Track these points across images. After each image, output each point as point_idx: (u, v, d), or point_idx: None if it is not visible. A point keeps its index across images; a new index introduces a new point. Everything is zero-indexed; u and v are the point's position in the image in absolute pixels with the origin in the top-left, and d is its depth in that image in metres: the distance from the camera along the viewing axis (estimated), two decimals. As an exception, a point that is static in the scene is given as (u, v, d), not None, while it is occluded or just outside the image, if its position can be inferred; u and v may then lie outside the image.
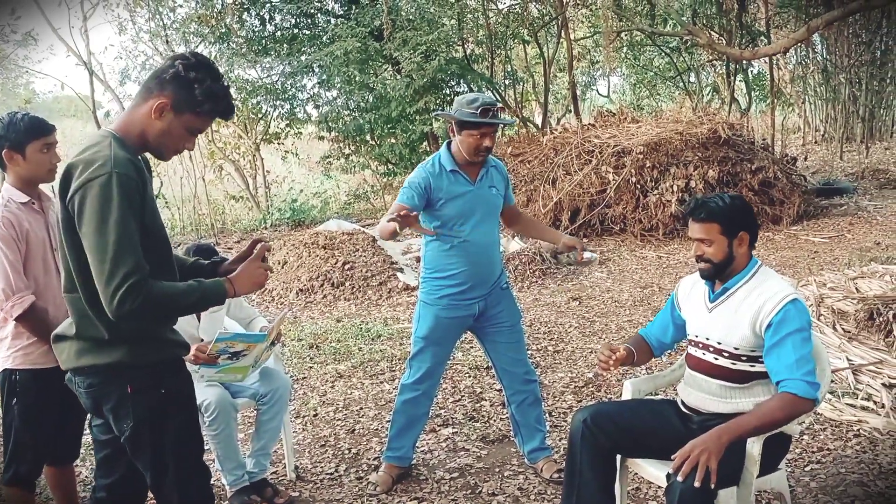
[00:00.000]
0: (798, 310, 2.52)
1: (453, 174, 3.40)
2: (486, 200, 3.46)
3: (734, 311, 2.64)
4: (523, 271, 7.85)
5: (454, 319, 3.52)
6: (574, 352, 5.50)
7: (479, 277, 3.48)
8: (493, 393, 4.75)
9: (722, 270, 2.66)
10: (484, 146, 3.35)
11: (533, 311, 6.61)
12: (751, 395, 2.64)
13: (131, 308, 1.99)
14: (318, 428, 4.40)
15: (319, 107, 13.36)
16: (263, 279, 2.29)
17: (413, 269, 8.19)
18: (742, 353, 2.63)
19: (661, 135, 9.79)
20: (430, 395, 3.67)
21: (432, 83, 12.15)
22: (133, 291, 1.98)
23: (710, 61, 17.28)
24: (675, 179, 9.24)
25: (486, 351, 3.70)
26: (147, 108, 2.14)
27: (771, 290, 2.58)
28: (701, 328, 2.75)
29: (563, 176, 9.65)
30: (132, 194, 2.02)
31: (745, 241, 2.66)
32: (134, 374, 2.14)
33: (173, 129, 2.15)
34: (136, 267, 1.99)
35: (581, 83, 21.69)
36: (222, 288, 2.19)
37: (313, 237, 8.61)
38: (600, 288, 7.29)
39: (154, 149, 2.18)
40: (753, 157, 9.96)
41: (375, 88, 12.79)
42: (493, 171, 3.52)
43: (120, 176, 1.99)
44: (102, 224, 1.98)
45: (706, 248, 2.64)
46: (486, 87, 14.00)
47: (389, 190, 13.99)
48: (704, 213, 2.61)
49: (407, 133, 12.74)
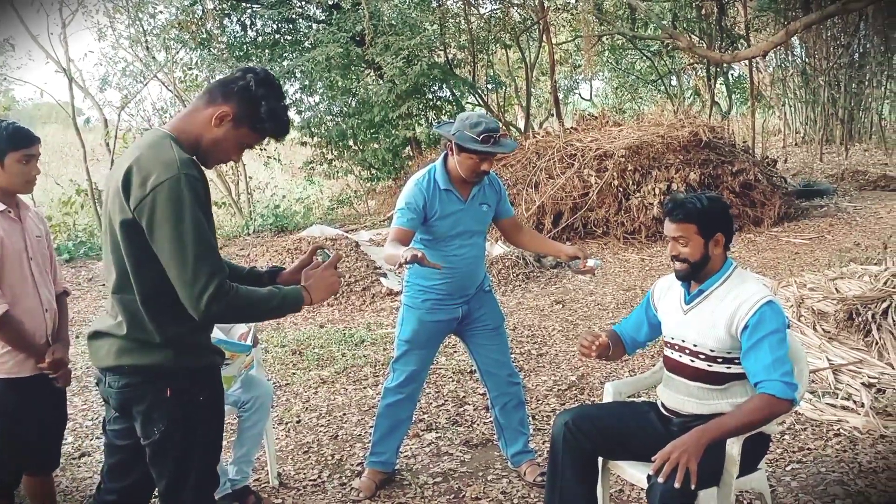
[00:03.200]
0: (774, 311, 2.54)
1: (446, 193, 3.39)
2: (475, 218, 3.47)
3: (710, 312, 2.66)
4: (507, 275, 7.86)
5: (438, 323, 3.53)
6: (557, 355, 5.52)
7: (462, 284, 3.50)
8: (477, 397, 4.75)
9: (698, 271, 2.67)
10: (482, 170, 3.33)
11: (516, 315, 6.62)
12: (728, 396, 2.65)
13: (219, 310, 2.01)
14: (301, 434, 4.38)
15: (302, 112, 13.35)
16: (337, 287, 2.31)
17: (397, 275, 8.19)
18: (718, 355, 2.64)
19: (643, 138, 9.85)
20: (414, 398, 3.67)
21: (415, 88, 12.17)
22: (219, 293, 2.00)
23: (691, 65, 17.41)
24: (657, 182, 9.30)
25: (470, 353, 3.70)
26: (208, 115, 2.13)
27: (747, 293, 2.60)
28: (677, 330, 2.77)
29: (545, 180, 9.68)
30: (201, 195, 2.03)
31: (721, 243, 2.67)
32: (175, 377, 2.15)
33: (228, 139, 2.15)
34: (218, 268, 2.02)
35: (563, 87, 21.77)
36: (300, 295, 2.20)
37: (296, 243, 8.60)
38: (583, 291, 7.31)
39: (203, 155, 2.17)
40: (734, 159, 10.04)
41: (358, 93, 12.80)
42: (487, 188, 3.51)
43: (189, 177, 2.00)
44: (178, 226, 1.98)
45: (682, 247, 2.65)
46: (469, 92, 14.03)
47: (373, 195, 13.99)
48: (682, 214, 2.63)
49: (390, 138, 12.74)
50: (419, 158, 12.33)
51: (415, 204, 3.33)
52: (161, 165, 2.01)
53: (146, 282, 2.08)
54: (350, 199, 13.96)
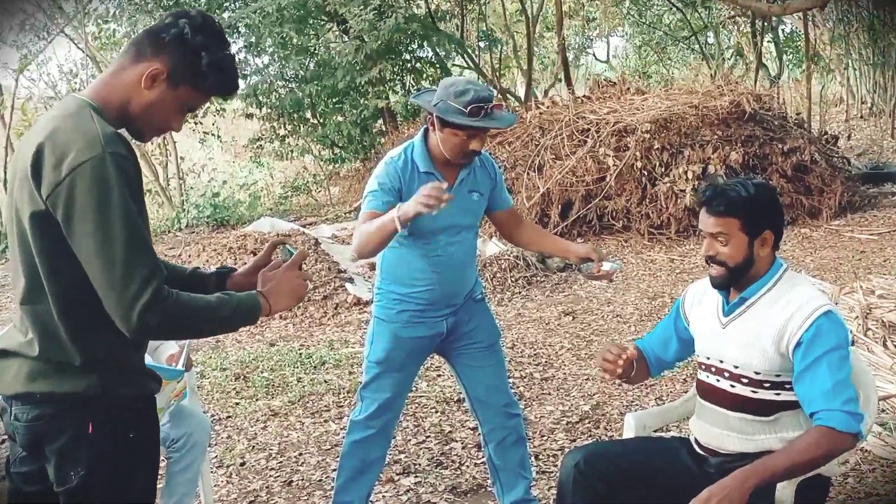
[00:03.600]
0: (833, 324, 2.54)
1: (427, 177, 3.35)
2: (463, 210, 3.45)
3: (754, 326, 2.66)
4: (503, 280, 7.89)
5: (417, 340, 3.52)
6: (566, 379, 5.54)
7: (448, 292, 3.49)
8: (466, 432, 4.76)
9: (738, 276, 2.68)
10: (470, 150, 3.30)
11: (515, 330, 6.64)
12: (778, 429, 2.66)
13: (156, 322, 1.99)
14: (246, 480, 4.37)
15: (247, 77, 13.33)
16: (303, 292, 2.29)
17: (366, 280, 8.19)
18: (765, 379, 2.65)
19: (673, 109, 9.91)
20: (387, 434, 3.66)
21: (388, 47, 12.18)
22: (156, 300, 1.98)
23: (732, 18, 17.51)
24: (690, 164, 9.36)
25: (458, 378, 3.70)
26: (136, 75, 2.11)
27: (799, 301, 2.60)
28: (713, 348, 2.77)
29: (551, 161, 9.72)
30: (131, 178, 2.01)
31: (770, 242, 2.67)
32: (100, 409, 2.12)
33: (165, 102, 2.14)
34: (154, 269, 2.00)
35: (573, 46, 21.86)
36: (257, 303, 2.19)
37: (240, 240, 8.58)
38: (598, 300, 7.34)
39: (136, 125, 2.16)
40: (785, 135, 10.12)
41: (317, 53, 12.81)
42: (479, 171, 3.50)
43: (115, 156, 1.97)
44: (103, 217, 1.95)
45: (721, 247, 2.65)
46: (456, 52, 14.04)
47: (336, 180, 13.99)
48: (723, 205, 2.62)
49: (357, 109, 12.75)
50: (393, 135, 12.35)
51: (389, 185, 3.31)
52: (80, 142, 1.98)
53: (63, 289, 2.05)
54: (307, 186, 13.97)
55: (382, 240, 3.13)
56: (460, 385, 3.72)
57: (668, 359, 3.02)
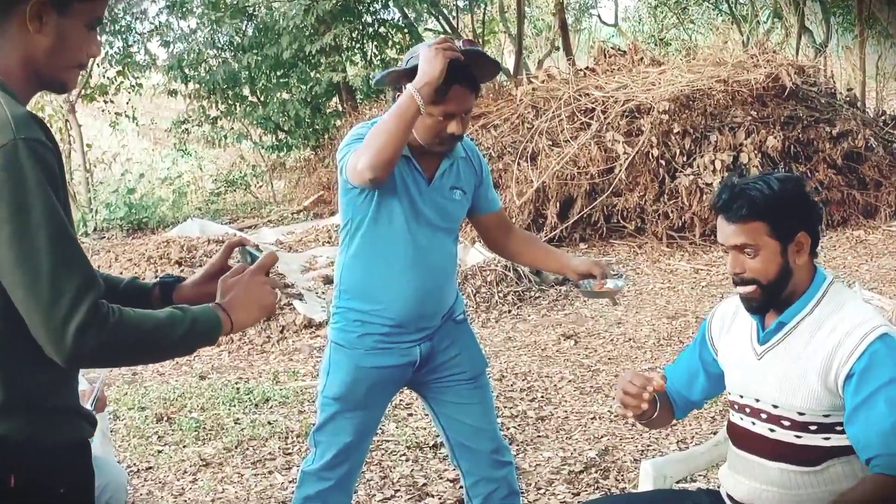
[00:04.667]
0: (890, 349, 2.55)
1: (404, 161, 3.37)
2: (441, 209, 3.47)
3: (796, 357, 2.67)
4: (489, 295, 7.90)
5: (384, 370, 3.53)
6: (568, 418, 5.56)
7: (421, 311, 3.50)
8: (444, 485, 4.78)
9: (776, 295, 2.68)
10: (448, 133, 3.30)
11: (505, 357, 6.66)
12: (827, 481, 2.68)
13: (95, 345, 1.96)
14: (171, 546, 4.37)
15: (169, 44, 13.32)
16: (271, 303, 2.28)
17: (319, 296, 8.19)
18: (810, 421, 2.66)
19: (696, 84, 9.96)
20: (347, 488, 3.66)
21: (344, 7, 12.20)
22: (94, 319, 1.95)
23: (769, -28, 17.64)
24: (718, 152, 9.41)
25: (435, 418, 3.71)
26: (18, 26, 2.08)
27: (849, 323, 2.61)
28: (747, 385, 2.79)
29: (547, 148, 9.75)
30: (52, 169, 1.98)
31: (807, 246, 2.67)
32: (24, 457, 2.10)
33: (66, 34, 2.11)
34: (89, 281, 1.97)
35: (573, 6, 21.94)
36: (216, 318, 2.17)
37: (162, 247, 8.56)
38: (606, 319, 7.37)
39: (51, 77, 2.15)
40: (834, 116, 10.20)
41: (256, 15, 12.80)
42: (462, 163, 3.52)
43: (31, 144, 1.95)
44: (21, 220, 1.92)
45: (749, 260, 2.65)
46: (428, 13, 14.08)
47: (281, 172, 13.96)
48: (745, 208, 2.61)
49: (307, 84, 12.76)
50: (352, 115, 12.35)
51: None
52: None
53: None
54: (245, 180, 13.95)
55: (405, 128, 3.07)
56: (438, 426, 3.73)
57: (695, 398, 3.03)
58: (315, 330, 7.41)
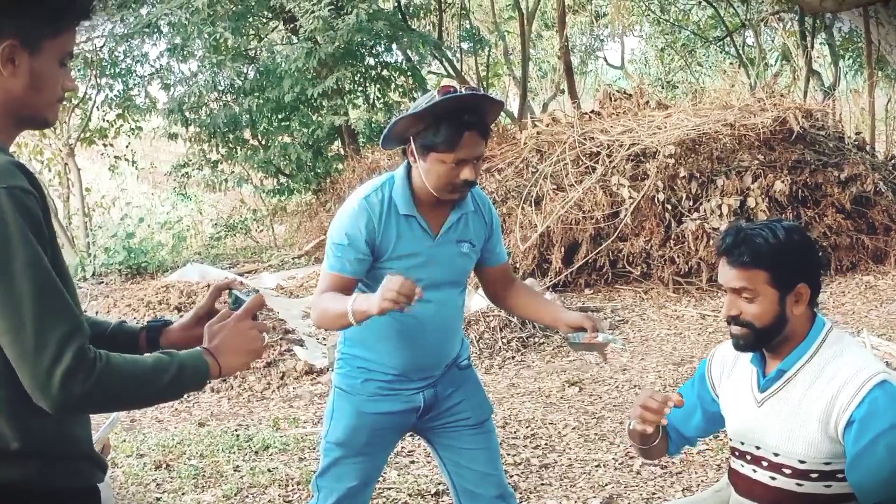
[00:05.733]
0: (889, 396, 2.57)
1: (407, 221, 3.38)
2: (448, 264, 3.47)
3: (796, 403, 2.69)
4: (492, 342, 7.89)
5: (387, 416, 3.52)
6: (572, 466, 5.54)
7: (424, 363, 3.51)
8: (447, 534, 4.77)
9: (766, 339, 2.71)
10: (461, 180, 3.27)
11: (508, 404, 6.65)
12: (829, 529, 2.69)
13: (82, 392, 1.96)
14: None
15: (170, 87, 13.39)
16: (259, 347, 2.29)
17: (320, 342, 8.18)
18: (811, 469, 2.67)
19: (703, 128, 9.99)
20: (348, 536, 3.67)
21: (347, 50, 12.26)
22: (80, 365, 1.95)
23: (777, 14, 17.71)
24: (725, 196, 9.42)
25: (441, 463, 3.70)
26: None
27: (848, 371, 2.63)
28: (748, 431, 2.80)
29: (551, 192, 9.77)
30: (36, 217, 1.99)
31: (805, 297, 2.70)
32: (37, 502, 2.11)
33: (39, 72, 2.11)
34: (74, 327, 1.97)
35: (579, 48, 22.05)
36: (204, 363, 2.17)
37: (161, 293, 8.58)
38: (612, 366, 7.36)
39: (31, 117, 2.16)
40: (843, 160, 10.22)
41: (259, 58, 12.88)
42: (472, 217, 3.51)
43: (12, 192, 1.96)
44: (3, 269, 1.94)
45: (746, 304, 2.68)
46: (432, 55, 14.15)
47: (282, 217, 13.99)
48: (747, 255, 2.65)
49: (309, 127, 12.80)
50: (354, 160, 12.39)
51: (359, 235, 3.31)
52: None
53: None
54: (245, 224, 13.97)
55: (342, 328, 3.15)
56: (443, 472, 3.72)
57: (689, 434, 3.04)
58: (316, 376, 7.40)
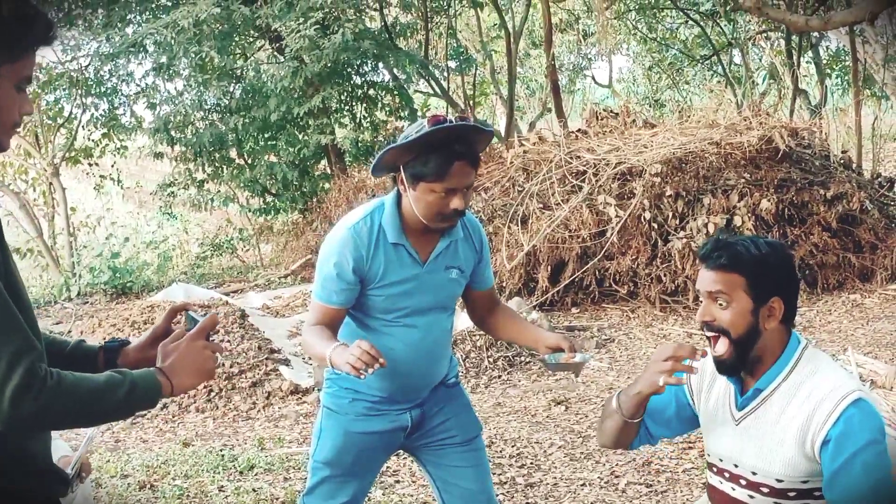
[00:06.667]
0: (864, 414, 2.58)
1: (395, 249, 3.39)
2: (437, 289, 3.49)
3: (773, 423, 2.70)
4: (478, 361, 7.90)
5: (375, 436, 3.54)
6: (557, 485, 5.55)
7: (411, 385, 3.53)
8: (431, 554, 4.77)
9: (744, 354, 2.71)
10: (451, 209, 3.29)
11: (494, 423, 6.66)
12: (807, 547, 2.70)
13: (33, 409, 1.99)
14: None
15: (156, 107, 13.41)
16: (213, 367, 2.33)
17: (306, 362, 8.18)
18: (789, 487, 2.69)
19: (689, 146, 10.04)
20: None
21: (333, 69, 12.29)
22: (31, 383, 1.98)
23: (763, 33, 17.81)
24: (711, 215, 9.44)
25: (431, 481, 3.72)
26: None
27: (823, 389, 2.64)
28: (726, 449, 2.81)
29: (538, 211, 9.80)
30: None
31: (778, 314, 2.71)
32: None
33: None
34: (25, 346, 2.00)
35: (566, 67, 22.12)
36: (156, 381, 2.21)
37: (147, 312, 8.59)
38: (598, 385, 7.38)
39: None
40: (829, 179, 10.25)
41: (245, 77, 12.90)
42: (462, 243, 3.53)
43: None
44: None
45: (720, 310, 2.71)
46: (419, 74, 14.19)
47: (268, 236, 14.00)
48: (725, 258, 2.69)
49: (295, 146, 12.81)
50: (340, 179, 12.41)
51: (347, 265, 3.34)
52: None
53: None
54: (231, 244, 13.97)
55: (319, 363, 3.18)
56: (434, 490, 3.73)
57: (656, 429, 3.05)
58: (301, 396, 7.40)
